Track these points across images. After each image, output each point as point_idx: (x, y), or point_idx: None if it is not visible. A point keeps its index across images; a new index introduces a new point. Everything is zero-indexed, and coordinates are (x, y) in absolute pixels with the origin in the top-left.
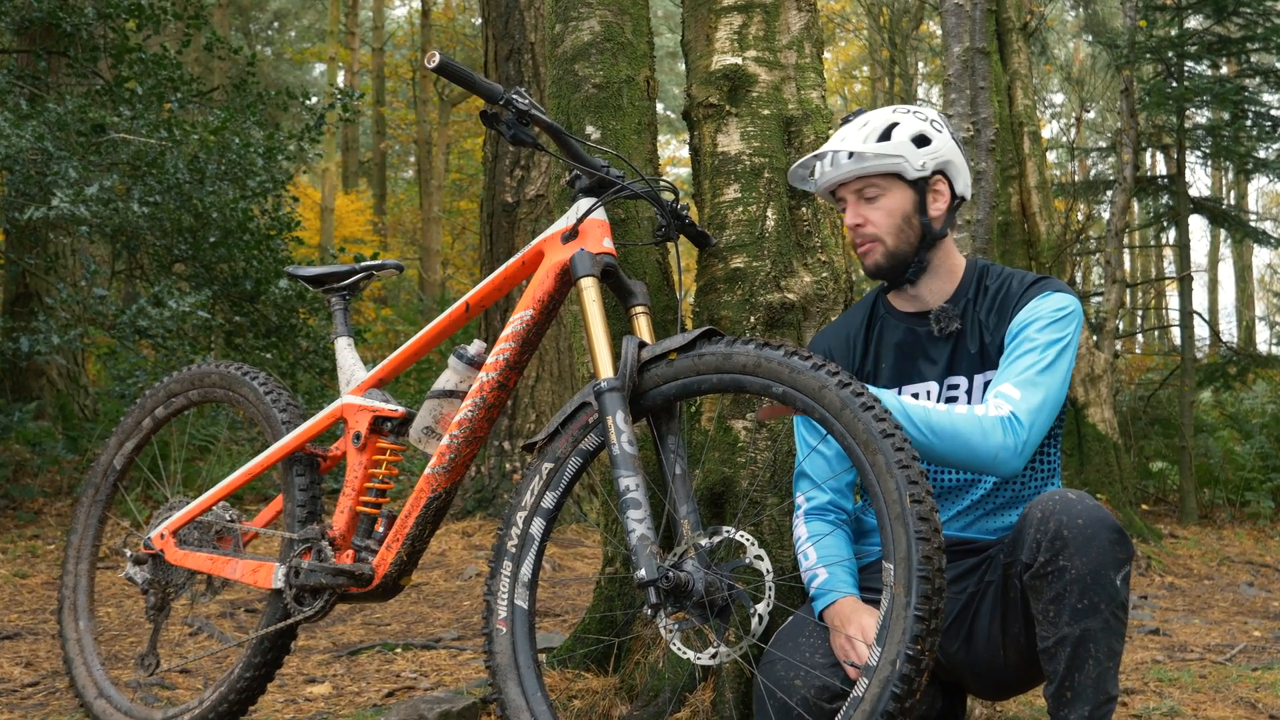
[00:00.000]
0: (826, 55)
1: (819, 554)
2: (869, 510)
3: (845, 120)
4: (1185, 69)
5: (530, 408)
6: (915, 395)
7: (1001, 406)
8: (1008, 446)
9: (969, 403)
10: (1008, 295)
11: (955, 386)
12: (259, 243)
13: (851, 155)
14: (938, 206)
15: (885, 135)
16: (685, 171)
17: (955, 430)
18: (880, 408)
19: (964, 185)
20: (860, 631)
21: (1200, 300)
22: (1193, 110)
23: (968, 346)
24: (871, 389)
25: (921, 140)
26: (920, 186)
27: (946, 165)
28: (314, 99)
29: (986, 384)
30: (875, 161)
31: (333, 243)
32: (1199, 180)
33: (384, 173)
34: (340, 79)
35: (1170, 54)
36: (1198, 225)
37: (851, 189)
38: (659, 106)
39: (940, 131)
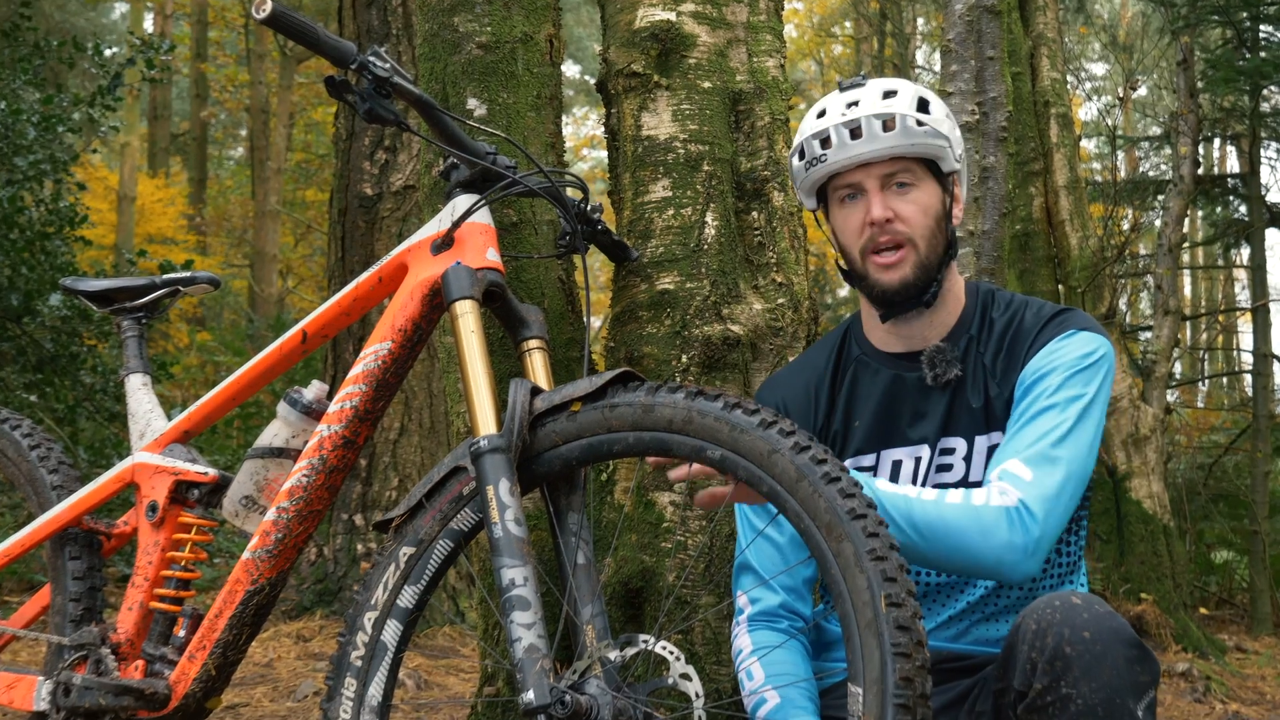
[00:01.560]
0: (796, 5)
1: (767, 673)
2: (832, 616)
3: (853, 84)
4: (1261, 35)
5: (391, 470)
6: (899, 463)
7: (1007, 493)
8: (1015, 546)
9: (967, 471)
10: (1019, 333)
11: (950, 451)
12: (31, 243)
13: (890, 126)
14: (957, 213)
15: (924, 109)
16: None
17: (947, 527)
18: (848, 480)
19: (965, 192)
20: None
21: None
22: (1271, 90)
23: (969, 399)
24: (853, 469)
25: (951, 123)
26: (948, 184)
27: (964, 163)
28: (110, 51)
29: (991, 449)
30: (924, 140)
31: (132, 244)
32: (1278, 181)
33: (205, 151)
34: (147, 24)
35: (1243, 15)
36: (1276, 239)
37: (878, 173)
38: (570, 70)
39: (955, 122)
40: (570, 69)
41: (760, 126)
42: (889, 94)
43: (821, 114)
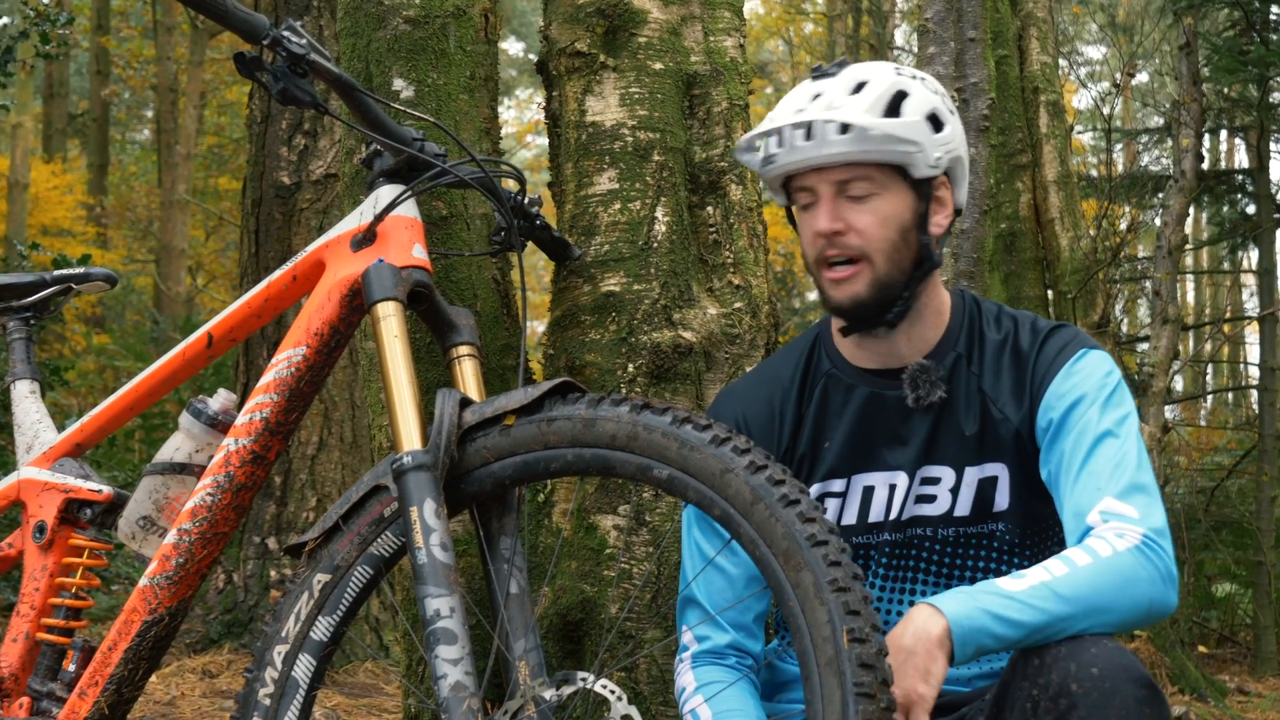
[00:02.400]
0: None
1: (714, 711)
2: (788, 652)
3: (822, 73)
4: (1272, 18)
5: (309, 489)
6: (870, 489)
7: (1125, 534)
8: (1158, 581)
9: (953, 505)
10: (1018, 354)
11: (933, 481)
12: None
13: (847, 129)
14: (939, 221)
15: (894, 108)
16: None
17: (1094, 592)
18: (809, 503)
19: (964, 193)
20: None
21: None
22: None
23: (960, 425)
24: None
25: (936, 123)
26: (925, 190)
27: (955, 164)
28: (1, 22)
29: (983, 482)
30: (882, 146)
31: (25, 236)
32: None
33: (106, 133)
34: None
35: None
36: None
37: (831, 178)
38: (513, 47)
39: (953, 113)
40: (513, 46)
41: (717, 113)
42: (857, 88)
43: (786, 104)
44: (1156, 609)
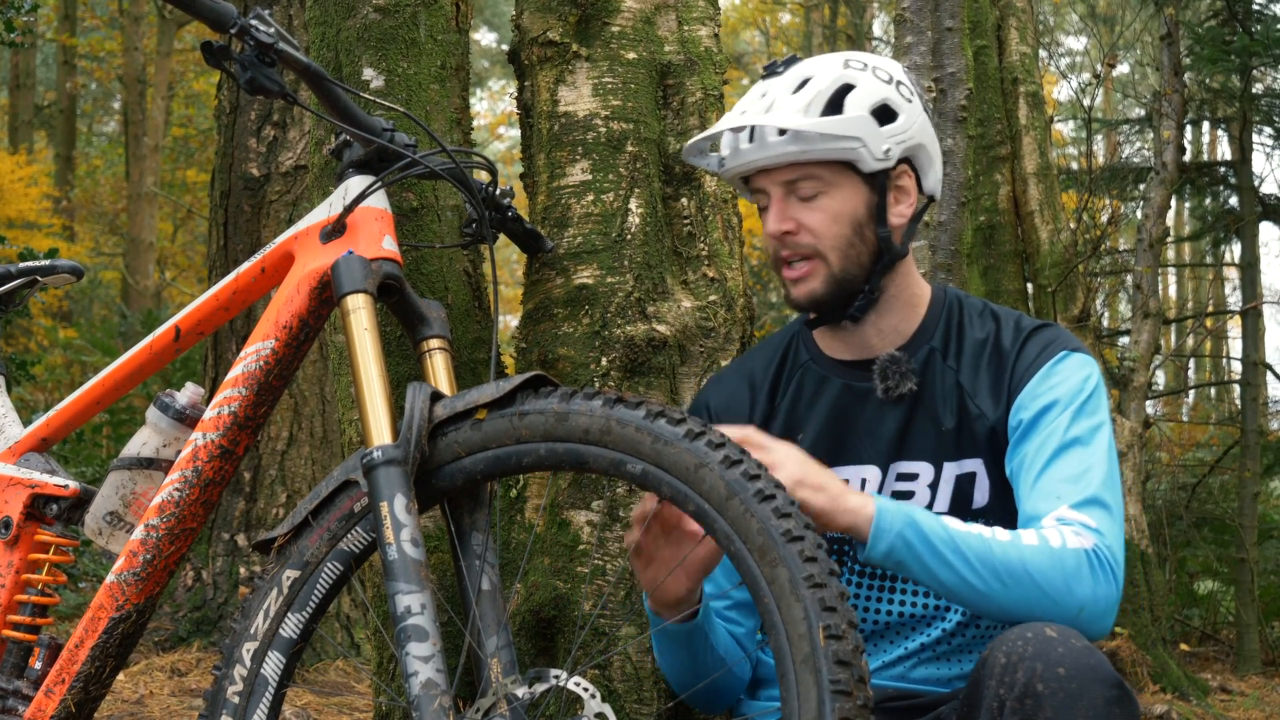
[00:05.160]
0: None
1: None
2: (764, 650)
3: (771, 71)
4: (1255, 8)
5: (279, 484)
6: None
7: (1082, 535)
8: (1099, 598)
9: (932, 500)
10: (998, 351)
11: (910, 477)
12: None
13: (784, 132)
14: (900, 211)
15: (835, 104)
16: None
17: (1029, 573)
18: (784, 498)
19: (935, 179)
20: None
21: (1275, 344)
22: (1263, 69)
23: (939, 418)
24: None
25: (885, 114)
26: (880, 181)
27: (916, 151)
28: None
29: (961, 478)
30: (821, 145)
31: None
32: (1272, 170)
33: (73, 125)
34: None
35: None
36: (1270, 235)
37: (779, 179)
38: (486, 37)
39: (910, 99)
40: (485, 37)
41: (691, 103)
42: (799, 86)
43: (736, 106)
44: (1085, 620)
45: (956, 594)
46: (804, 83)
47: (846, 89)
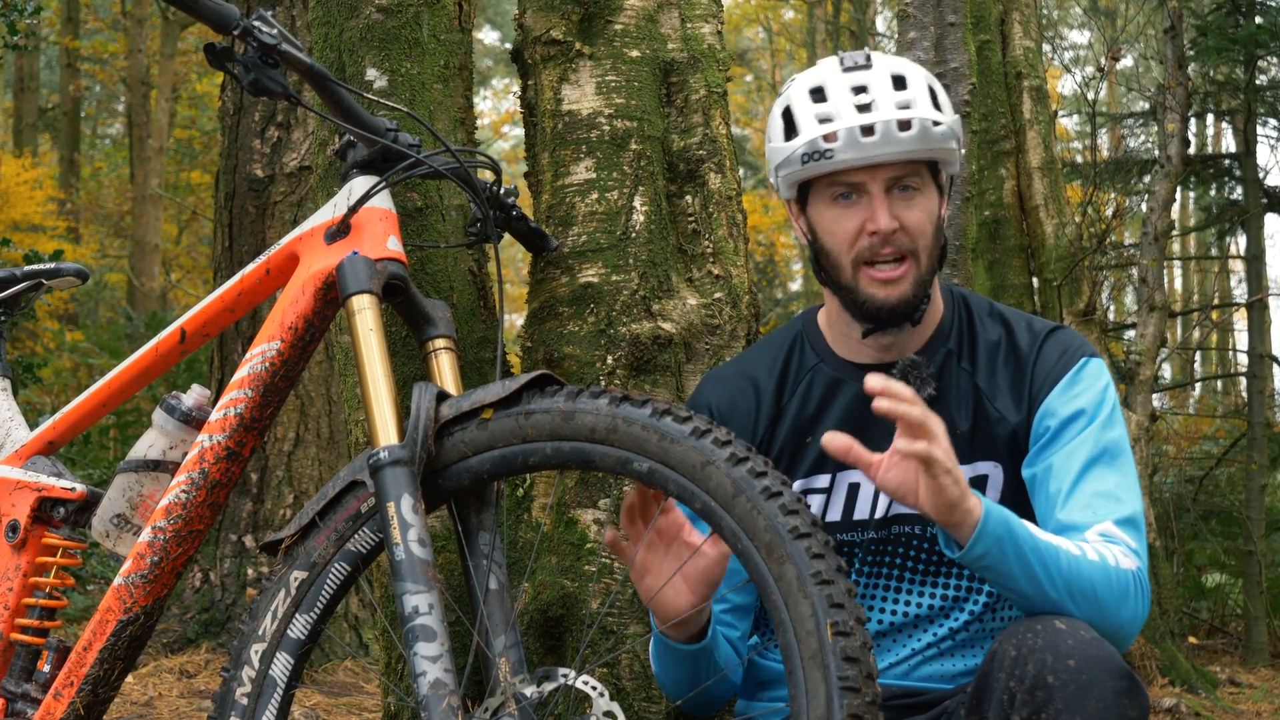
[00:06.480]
0: None
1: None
2: (771, 647)
3: (848, 65)
4: (1257, 1)
5: (285, 485)
6: (856, 486)
7: (1128, 557)
8: (1137, 619)
9: None
10: (1016, 354)
11: None
12: None
13: (908, 127)
14: (945, 214)
15: (937, 100)
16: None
17: (1094, 589)
18: (791, 495)
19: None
20: None
21: None
22: (1268, 61)
23: (955, 421)
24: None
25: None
26: (945, 185)
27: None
28: None
29: (974, 480)
30: (940, 144)
31: None
32: (1277, 162)
33: (77, 127)
34: None
35: None
36: (1275, 227)
37: (885, 175)
38: (489, 37)
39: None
40: (489, 35)
41: (695, 100)
42: (901, 83)
43: (818, 94)
44: (1121, 639)
45: (1025, 599)
46: (902, 81)
47: (936, 92)
